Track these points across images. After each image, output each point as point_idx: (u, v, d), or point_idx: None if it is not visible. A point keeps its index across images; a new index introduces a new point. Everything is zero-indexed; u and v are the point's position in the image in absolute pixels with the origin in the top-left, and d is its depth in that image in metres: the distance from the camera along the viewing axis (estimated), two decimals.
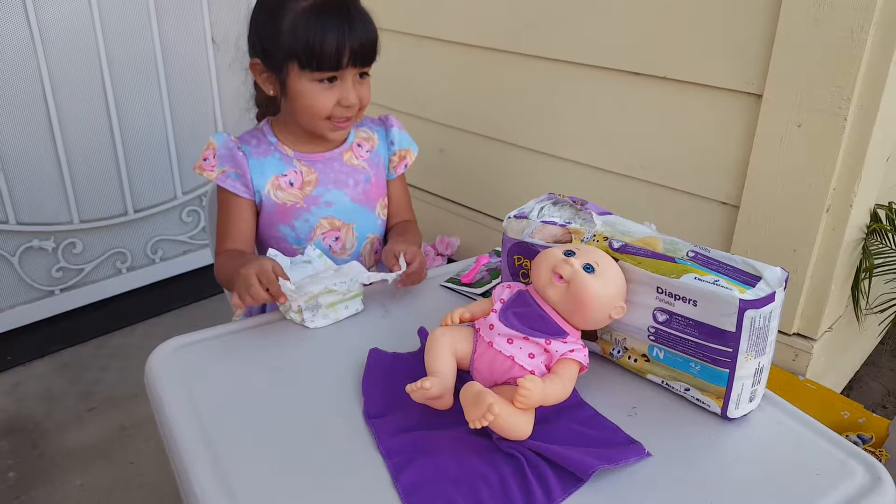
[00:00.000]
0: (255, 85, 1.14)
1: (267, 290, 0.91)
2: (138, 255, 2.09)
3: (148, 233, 2.09)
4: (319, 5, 1.01)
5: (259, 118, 1.21)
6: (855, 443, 1.25)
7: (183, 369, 0.88)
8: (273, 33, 1.03)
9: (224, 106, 2.12)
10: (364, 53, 1.04)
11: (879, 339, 1.89)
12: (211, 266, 1.14)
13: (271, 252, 1.03)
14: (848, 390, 1.74)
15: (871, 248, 1.40)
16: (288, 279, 0.92)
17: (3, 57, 1.70)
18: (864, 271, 1.42)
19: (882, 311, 1.50)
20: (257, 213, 1.14)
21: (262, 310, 1.17)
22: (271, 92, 1.09)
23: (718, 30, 1.32)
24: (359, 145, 1.18)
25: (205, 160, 1.11)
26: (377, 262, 1.27)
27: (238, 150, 1.10)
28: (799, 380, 1.38)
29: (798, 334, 1.40)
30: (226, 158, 1.10)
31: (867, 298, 1.48)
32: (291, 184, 1.12)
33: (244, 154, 1.11)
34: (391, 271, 1.02)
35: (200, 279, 2.17)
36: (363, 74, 1.08)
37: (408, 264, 1.02)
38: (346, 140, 1.18)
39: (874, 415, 1.32)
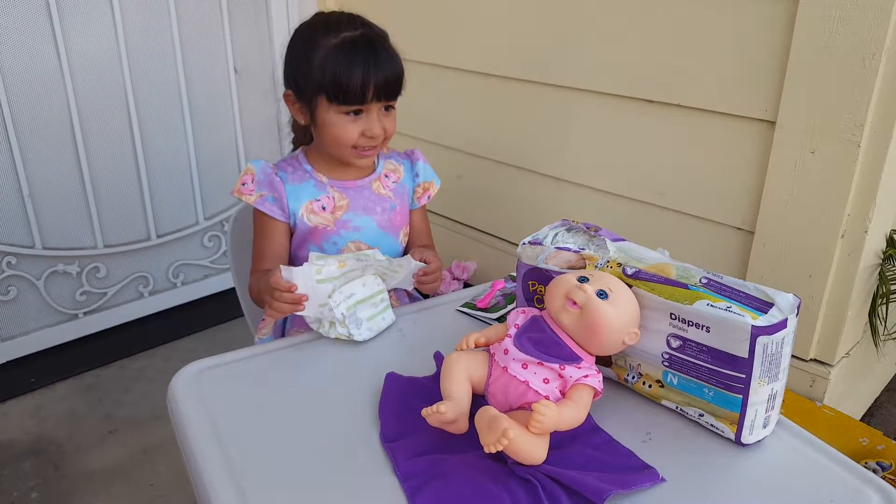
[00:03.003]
0: None
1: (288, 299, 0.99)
2: (160, 279, 2.13)
3: (170, 257, 2.13)
4: (347, 42, 1.06)
5: (295, 143, 1.27)
6: (874, 470, 1.24)
7: (205, 392, 0.90)
8: (304, 68, 1.08)
9: (245, 133, 2.16)
10: (388, 88, 1.08)
11: None
12: (232, 290, 1.17)
13: (313, 255, 1.03)
14: (869, 417, 1.72)
15: (887, 274, 1.39)
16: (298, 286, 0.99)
17: (34, 88, 1.76)
18: (880, 297, 1.42)
19: None
20: (291, 235, 1.18)
21: (282, 333, 1.20)
22: (302, 121, 1.15)
23: (731, 58, 1.33)
24: (386, 176, 1.23)
25: (243, 185, 1.15)
26: None
27: (275, 176, 1.15)
28: (816, 406, 1.37)
29: (815, 360, 1.39)
30: (264, 183, 1.15)
31: (885, 324, 1.47)
32: (324, 208, 1.16)
33: (281, 180, 1.15)
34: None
35: (221, 303, 2.20)
36: (388, 107, 1.12)
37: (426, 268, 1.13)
38: (375, 170, 1.22)
39: (894, 442, 1.30)
